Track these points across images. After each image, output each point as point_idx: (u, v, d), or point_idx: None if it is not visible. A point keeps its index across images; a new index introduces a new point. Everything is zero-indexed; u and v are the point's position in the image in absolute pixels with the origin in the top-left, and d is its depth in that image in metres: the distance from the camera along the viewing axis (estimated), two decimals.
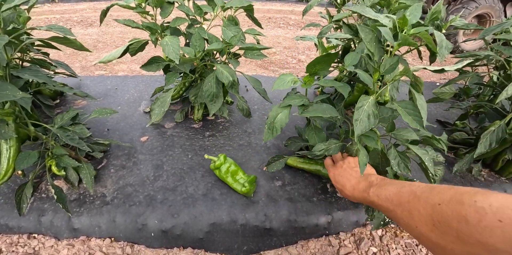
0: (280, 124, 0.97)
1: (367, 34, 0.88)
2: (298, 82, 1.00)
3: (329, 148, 1.03)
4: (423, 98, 0.92)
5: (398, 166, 1.01)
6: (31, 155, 1.09)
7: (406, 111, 0.88)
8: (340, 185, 0.95)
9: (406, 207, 0.60)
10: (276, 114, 0.98)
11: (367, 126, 0.83)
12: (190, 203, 1.16)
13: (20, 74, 1.10)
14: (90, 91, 1.95)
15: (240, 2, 1.37)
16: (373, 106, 0.87)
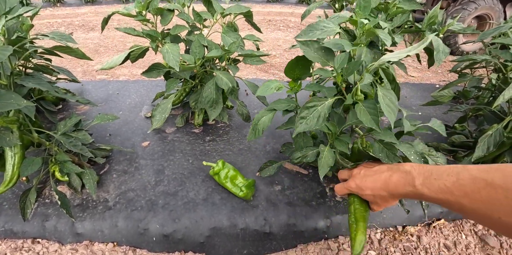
0: (262, 127, 0.99)
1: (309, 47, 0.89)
2: (282, 88, 1.01)
3: (306, 155, 1.03)
4: (391, 92, 0.90)
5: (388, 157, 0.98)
6: (35, 162, 1.11)
7: (367, 110, 0.87)
8: (370, 191, 0.80)
9: (477, 197, 0.53)
10: (261, 117, 1.00)
11: (313, 126, 0.83)
12: (191, 208, 1.18)
13: (24, 83, 1.13)
14: (92, 96, 1.97)
15: (239, 8, 1.39)
16: (327, 108, 0.87)
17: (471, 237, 1.38)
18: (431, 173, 0.66)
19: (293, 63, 0.92)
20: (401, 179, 0.72)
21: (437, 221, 1.40)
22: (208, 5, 1.44)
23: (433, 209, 1.37)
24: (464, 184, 0.56)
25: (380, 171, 0.80)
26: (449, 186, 0.59)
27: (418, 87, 2.74)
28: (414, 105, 2.34)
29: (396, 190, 0.73)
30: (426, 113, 2.23)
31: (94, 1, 7.10)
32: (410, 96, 2.51)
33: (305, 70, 0.95)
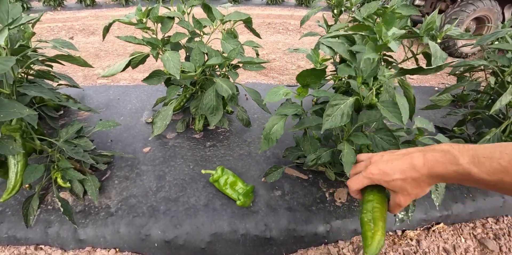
0: (275, 136, 1.01)
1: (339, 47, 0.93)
2: (290, 94, 1.04)
3: (320, 156, 1.05)
4: (405, 99, 0.96)
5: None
6: (38, 169, 1.12)
7: (387, 109, 0.91)
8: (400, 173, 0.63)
9: None
10: (272, 126, 1.01)
11: (338, 123, 0.86)
12: (192, 214, 1.19)
13: (27, 91, 1.14)
14: (93, 102, 1.99)
15: (238, 15, 1.40)
16: (350, 107, 0.91)
17: (470, 241, 1.39)
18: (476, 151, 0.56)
19: (307, 72, 0.95)
20: (439, 157, 0.59)
21: (436, 225, 1.41)
22: (208, 11, 1.45)
23: (432, 213, 1.38)
24: None
25: (408, 153, 0.65)
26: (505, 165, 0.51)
27: (417, 90, 2.76)
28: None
29: (434, 169, 0.59)
30: (425, 116, 2.24)
31: (95, 4, 7.14)
32: None
33: (316, 80, 0.98)
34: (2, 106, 0.92)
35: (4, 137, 1.06)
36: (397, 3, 1.68)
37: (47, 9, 6.84)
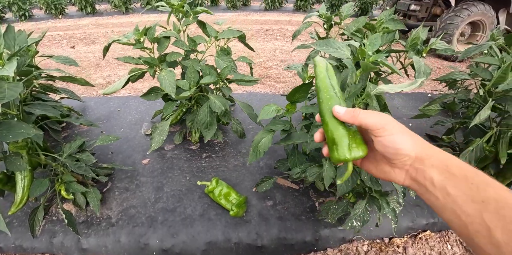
0: (263, 148, 1.07)
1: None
2: (281, 110, 1.11)
3: (305, 169, 1.12)
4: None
5: (371, 180, 1.09)
6: (43, 183, 1.20)
7: None
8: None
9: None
10: (260, 139, 1.08)
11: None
12: (188, 224, 1.26)
13: (32, 110, 1.22)
14: (94, 113, 2.07)
15: (231, 33, 1.48)
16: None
17: (457, 248, 1.45)
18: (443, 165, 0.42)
19: (295, 90, 1.02)
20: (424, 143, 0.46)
21: (423, 232, 1.47)
22: (203, 27, 1.53)
23: (419, 221, 1.45)
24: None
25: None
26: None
27: (410, 97, 2.82)
28: (405, 116, 2.42)
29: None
30: (417, 124, 2.31)
31: (95, 12, 7.25)
32: (401, 107, 2.59)
33: (303, 94, 1.06)
34: (11, 127, 1.00)
35: (11, 154, 1.14)
36: (385, 17, 1.76)
37: (48, 17, 6.96)
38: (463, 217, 0.38)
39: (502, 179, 1.62)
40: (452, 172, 0.40)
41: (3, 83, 0.96)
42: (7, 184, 1.23)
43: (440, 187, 0.40)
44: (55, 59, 1.62)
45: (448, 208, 0.40)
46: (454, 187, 0.39)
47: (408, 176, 0.45)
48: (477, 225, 0.36)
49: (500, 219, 0.35)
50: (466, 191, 0.38)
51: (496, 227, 0.35)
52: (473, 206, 0.37)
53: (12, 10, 6.73)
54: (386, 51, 1.68)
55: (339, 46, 1.08)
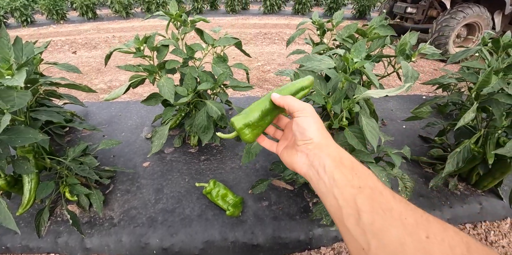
0: (255, 150, 1.13)
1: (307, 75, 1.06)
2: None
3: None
4: (373, 121, 1.07)
5: None
6: (49, 185, 1.26)
7: (354, 135, 1.03)
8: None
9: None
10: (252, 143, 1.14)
11: None
12: (186, 223, 1.32)
13: (38, 116, 1.29)
14: (96, 118, 2.13)
15: (227, 41, 1.54)
16: None
17: None
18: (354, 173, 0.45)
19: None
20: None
21: None
22: (201, 34, 1.60)
23: None
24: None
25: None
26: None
27: (405, 100, 2.88)
28: (399, 118, 2.48)
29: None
30: (410, 126, 2.37)
31: (96, 17, 7.36)
32: (396, 109, 2.65)
33: None
34: (19, 132, 1.06)
35: (19, 158, 1.20)
36: (376, 23, 1.82)
37: (50, 23, 7.06)
38: (340, 201, 0.42)
39: (491, 179, 1.68)
40: (342, 162, 0.46)
41: (12, 92, 1.02)
42: (14, 187, 1.29)
43: (329, 172, 0.45)
44: (58, 67, 1.68)
45: (330, 192, 0.44)
46: (340, 174, 0.44)
47: (307, 160, 0.50)
48: (350, 208, 0.40)
49: (369, 202, 0.40)
50: (349, 178, 0.44)
51: (365, 209, 0.39)
52: (351, 191, 0.42)
53: (14, 16, 6.84)
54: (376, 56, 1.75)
55: (321, 58, 1.14)
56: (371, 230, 0.37)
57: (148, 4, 7.78)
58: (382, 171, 1.15)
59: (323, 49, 1.71)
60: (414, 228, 0.36)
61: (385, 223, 0.37)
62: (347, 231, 0.40)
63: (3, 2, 6.64)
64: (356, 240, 0.38)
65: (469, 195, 1.73)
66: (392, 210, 0.38)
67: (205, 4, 8.29)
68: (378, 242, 0.36)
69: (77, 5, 7.16)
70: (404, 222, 0.36)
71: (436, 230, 0.35)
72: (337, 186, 0.43)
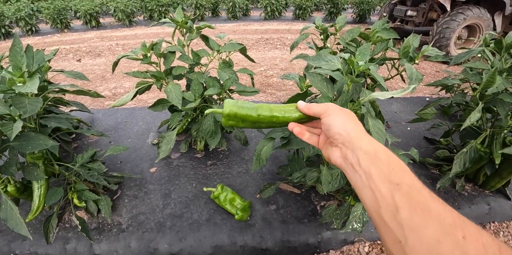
0: (265, 156, 1.14)
1: (316, 83, 1.07)
2: None
3: (305, 174, 1.18)
4: (379, 122, 1.08)
5: None
6: (58, 192, 1.27)
7: None
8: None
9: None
10: (262, 147, 1.15)
11: (317, 150, 0.99)
12: (195, 228, 1.32)
13: (47, 123, 1.30)
14: (102, 125, 2.15)
15: (233, 46, 1.56)
16: None
17: None
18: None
19: (293, 98, 1.10)
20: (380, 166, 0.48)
21: None
22: (206, 41, 1.62)
23: None
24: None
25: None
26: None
27: (409, 102, 2.89)
28: (404, 120, 2.48)
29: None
30: (415, 128, 2.37)
31: (100, 26, 7.46)
32: (400, 111, 2.65)
33: None
34: (30, 139, 1.08)
35: (29, 164, 1.22)
36: (378, 26, 1.84)
37: (54, 31, 7.16)
38: (377, 195, 0.43)
39: (498, 179, 1.67)
40: (377, 156, 0.47)
41: (24, 98, 1.04)
42: (23, 193, 1.30)
43: (364, 167, 0.46)
44: (66, 74, 1.71)
45: (366, 186, 0.45)
46: (376, 168, 0.45)
47: (340, 153, 0.52)
48: (387, 203, 0.41)
49: (407, 200, 0.41)
50: (386, 173, 0.44)
51: (403, 206, 0.40)
52: (388, 186, 0.43)
53: (19, 25, 6.94)
54: (380, 59, 1.76)
55: (330, 59, 1.16)
56: (408, 225, 0.38)
57: (150, 12, 7.88)
58: None
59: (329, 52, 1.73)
60: (452, 228, 0.37)
61: (424, 221, 0.38)
62: (384, 223, 0.41)
63: (9, 12, 6.75)
64: (393, 232, 0.39)
65: (477, 195, 1.72)
66: (431, 210, 0.39)
67: (206, 11, 8.39)
68: (416, 238, 0.37)
69: (81, 14, 7.26)
70: (442, 222, 0.37)
71: (472, 231, 0.37)
72: (374, 181, 0.44)
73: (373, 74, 1.13)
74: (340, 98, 1.09)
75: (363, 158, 0.47)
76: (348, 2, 8.93)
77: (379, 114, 1.43)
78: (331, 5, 8.42)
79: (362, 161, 0.47)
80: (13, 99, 1.00)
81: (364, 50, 1.26)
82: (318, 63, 1.17)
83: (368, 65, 1.15)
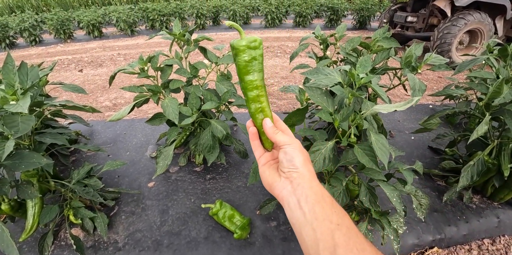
0: None
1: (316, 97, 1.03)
2: None
3: None
4: (382, 137, 1.03)
5: (369, 202, 1.11)
6: (52, 210, 1.24)
7: (364, 152, 0.99)
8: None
9: None
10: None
11: (321, 168, 0.95)
12: (193, 247, 1.27)
13: (43, 140, 1.28)
14: (101, 137, 2.13)
15: (230, 58, 1.54)
16: (330, 150, 1.00)
17: None
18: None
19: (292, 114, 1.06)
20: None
21: (430, 249, 1.46)
22: (204, 53, 1.60)
23: (425, 237, 1.44)
24: None
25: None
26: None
27: (412, 110, 2.84)
28: (407, 129, 2.43)
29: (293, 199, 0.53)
30: (418, 137, 2.32)
31: (102, 36, 7.54)
32: (403, 120, 2.60)
33: (300, 118, 1.09)
34: (23, 157, 1.05)
35: (23, 182, 1.18)
36: (379, 35, 1.81)
37: (57, 42, 7.24)
38: (318, 234, 0.46)
39: (507, 191, 1.61)
40: (323, 198, 0.50)
41: (16, 117, 1.02)
42: (18, 211, 1.27)
43: (310, 204, 0.49)
44: (64, 88, 1.70)
45: (309, 223, 0.47)
46: (321, 208, 0.48)
47: (291, 187, 0.53)
48: (327, 242, 0.45)
49: (346, 240, 0.44)
50: (328, 213, 0.48)
51: (342, 245, 0.44)
52: (330, 226, 0.46)
53: (23, 36, 7.03)
54: (381, 69, 1.73)
55: (328, 72, 1.13)
56: None
57: (152, 22, 7.97)
58: (393, 191, 1.11)
59: (327, 64, 1.71)
60: None
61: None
62: None
63: (13, 23, 6.85)
64: None
65: (485, 208, 1.66)
66: (365, 250, 0.44)
67: (207, 20, 8.46)
68: None
69: (84, 24, 7.35)
70: None
71: None
72: (317, 219, 0.47)
73: (374, 89, 1.10)
74: (341, 112, 1.06)
75: (312, 197, 0.50)
76: (348, 9, 8.97)
77: (381, 127, 1.39)
78: (331, 12, 8.46)
79: (310, 199, 0.50)
80: (5, 118, 0.98)
81: (365, 62, 1.23)
82: (317, 77, 1.14)
83: (369, 78, 1.12)
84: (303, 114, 1.12)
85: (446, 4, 4.89)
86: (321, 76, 1.14)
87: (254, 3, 9.87)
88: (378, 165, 0.97)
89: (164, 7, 8.04)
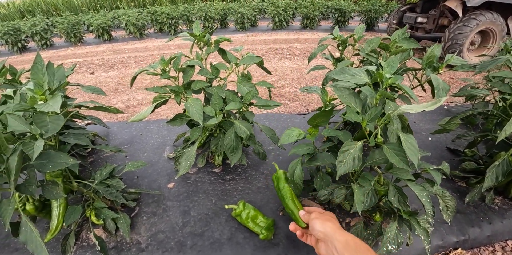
0: (299, 179, 1.10)
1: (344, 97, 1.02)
2: (303, 134, 1.14)
3: (332, 191, 1.13)
4: (411, 137, 1.02)
5: (398, 202, 1.09)
6: (76, 210, 1.24)
7: (394, 152, 0.98)
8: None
9: None
10: (293, 172, 1.11)
11: (351, 168, 0.94)
12: (217, 248, 1.27)
13: (67, 140, 1.29)
14: (117, 138, 2.14)
15: (251, 59, 1.54)
16: (359, 150, 0.99)
17: None
18: None
19: (317, 115, 1.05)
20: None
21: (454, 250, 1.43)
22: (223, 54, 1.60)
23: (449, 238, 1.41)
24: None
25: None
26: None
27: (426, 111, 2.81)
28: (424, 130, 2.40)
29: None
30: (436, 138, 2.29)
31: (112, 39, 7.63)
32: (419, 121, 2.58)
33: (325, 119, 1.08)
34: (50, 157, 1.06)
35: (48, 183, 1.19)
36: (398, 36, 1.79)
37: (68, 45, 7.35)
38: None
39: None
40: (348, 243, 0.78)
41: (45, 117, 1.02)
42: (41, 211, 1.28)
43: (340, 252, 0.77)
44: (83, 89, 1.71)
45: None
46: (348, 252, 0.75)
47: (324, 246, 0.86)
48: None
49: None
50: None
51: None
52: None
53: (34, 40, 7.15)
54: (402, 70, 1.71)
55: (355, 72, 1.12)
56: None
57: (160, 25, 8.05)
58: (422, 191, 1.09)
59: (347, 65, 1.69)
60: None
61: None
62: None
63: (25, 27, 6.96)
64: None
65: (508, 209, 1.63)
66: None
67: (215, 23, 8.51)
68: None
69: (94, 27, 7.45)
70: None
71: None
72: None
73: (403, 88, 1.09)
74: (369, 112, 1.04)
75: (339, 246, 0.78)
76: (355, 10, 8.96)
77: (407, 127, 1.37)
78: (338, 14, 8.46)
79: (338, 248, 0.78)
80: (34, 118, 0.98)
81: (392, 63, 1.22)
82: (344, 77, 1.13)
83: (397, 79, 1.11)
84: (328, 115, 1.11)
85: (458, 4, 4.85)
86: (348, 77, 1.13)
87: (261, 5, 9.91)
88: (409, 164, 0.96)
89: (173, 10, 8.12)
